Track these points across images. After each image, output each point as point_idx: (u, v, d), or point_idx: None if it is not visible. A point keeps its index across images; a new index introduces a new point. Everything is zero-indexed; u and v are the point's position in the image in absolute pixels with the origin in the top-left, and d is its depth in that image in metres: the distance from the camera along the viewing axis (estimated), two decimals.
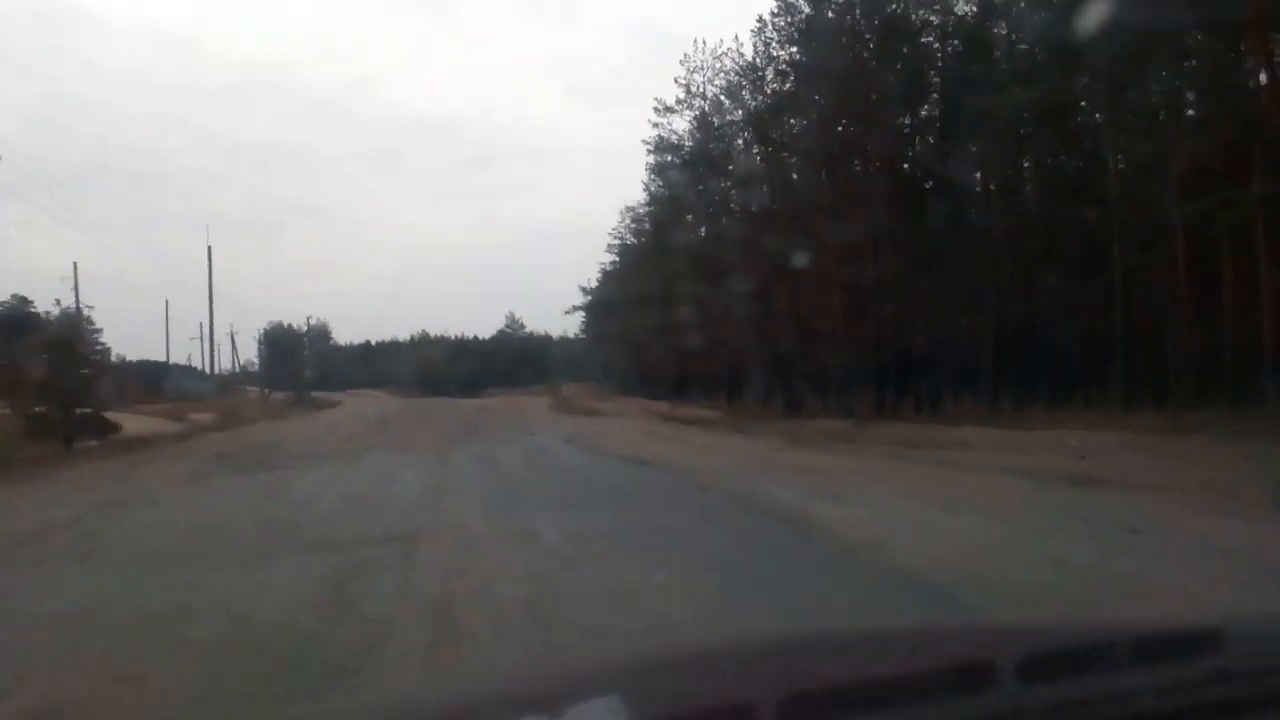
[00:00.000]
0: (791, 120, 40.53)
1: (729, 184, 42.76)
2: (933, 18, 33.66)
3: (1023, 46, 30.90)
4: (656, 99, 41.76)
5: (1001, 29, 31.62)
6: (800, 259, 37.74)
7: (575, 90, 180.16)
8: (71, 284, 78.81)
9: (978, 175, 35.10)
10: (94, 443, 26.10)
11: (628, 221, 66.08)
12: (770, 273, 40.06)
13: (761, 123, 40.36)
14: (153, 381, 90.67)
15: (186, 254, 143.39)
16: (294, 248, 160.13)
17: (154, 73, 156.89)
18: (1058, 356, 31.14)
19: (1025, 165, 34.72)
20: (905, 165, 35.87)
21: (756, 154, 42.26)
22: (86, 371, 27.42)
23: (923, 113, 35.97)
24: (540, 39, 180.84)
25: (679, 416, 43.11)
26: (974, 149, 33.93)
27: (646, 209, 58.76)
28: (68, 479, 16.18)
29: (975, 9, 32.10)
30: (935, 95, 35.25)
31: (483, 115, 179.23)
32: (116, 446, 25.56)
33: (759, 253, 40.77)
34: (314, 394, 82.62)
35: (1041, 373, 31.60)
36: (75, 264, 77.74)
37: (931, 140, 35.74)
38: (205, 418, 43.70)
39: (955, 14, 32.61)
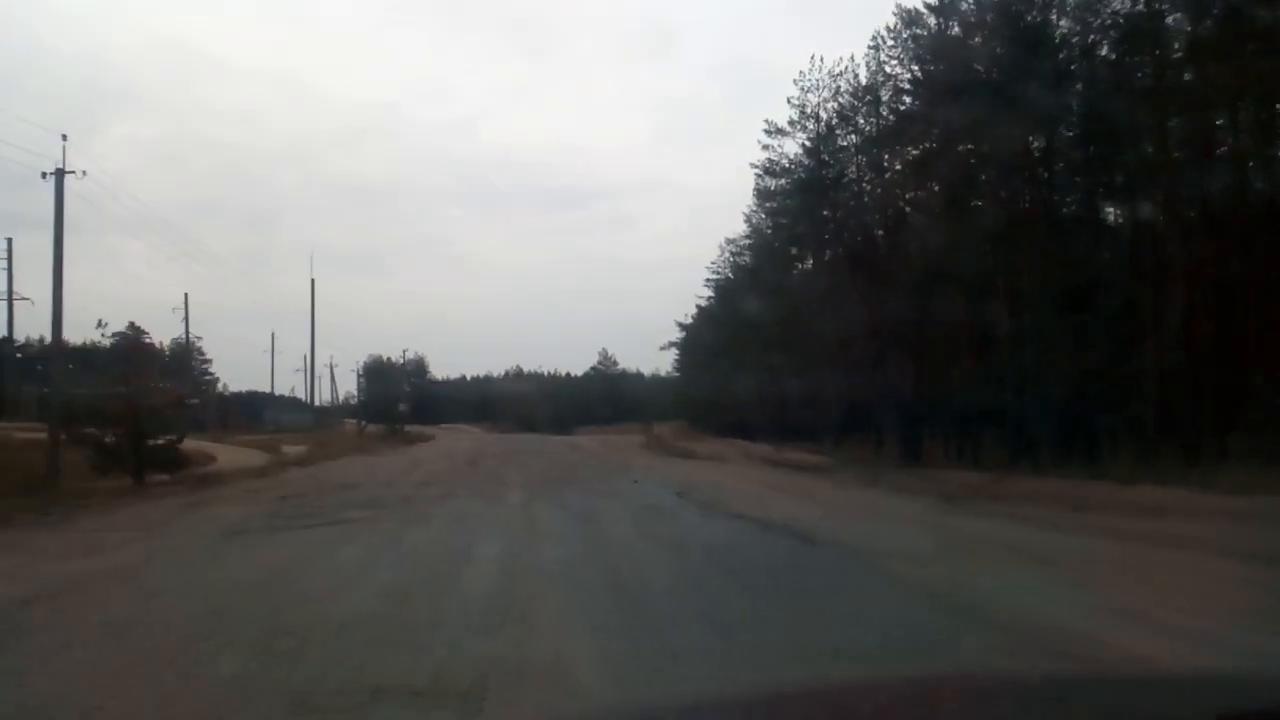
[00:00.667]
0: (910, 148, 36.91)
1: (841, 213, 39.15)
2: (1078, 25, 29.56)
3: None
4: (767, 121, 38.61)
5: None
6: (921, 293, 34.08)
7: (668, 129, 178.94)
8: (183, 315, 78.91)
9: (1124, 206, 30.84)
10: (166, 477, 23.88)
11: (727, 254, 62.89)
12: (886, 307, 36.35)
13: (881, 144, 36.90)
14: (254, 412, 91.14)
15: (295, 289, 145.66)
16: (395, 284, 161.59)
17: (269, 113, 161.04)
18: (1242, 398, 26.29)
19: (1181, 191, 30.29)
20: (1044, 193, 31.81)
21: (869, 182, 38.73)
22: (161, 402, 25.31)
23: (1063, 134, 31.90)
24: (634, 78, 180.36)
25: (786, 462, 39.44)
26: (1120, 177, 29.75)
27: (748, 240, 55.54)
28: (98, 525, 13.57)
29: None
30: (1078, 114, 31.18)
31: (577, 154, 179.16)
32: (186, 484, 23.22)
33: (876, 285, 37.09)
34: (409, 428, 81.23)
35: (1209, 418, 26.98)
36: (186, 295, 78.12)
37: (1074, 164, 31.61)
38: (294, 450, 41.76)
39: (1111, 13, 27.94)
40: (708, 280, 66.58)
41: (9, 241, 53.45)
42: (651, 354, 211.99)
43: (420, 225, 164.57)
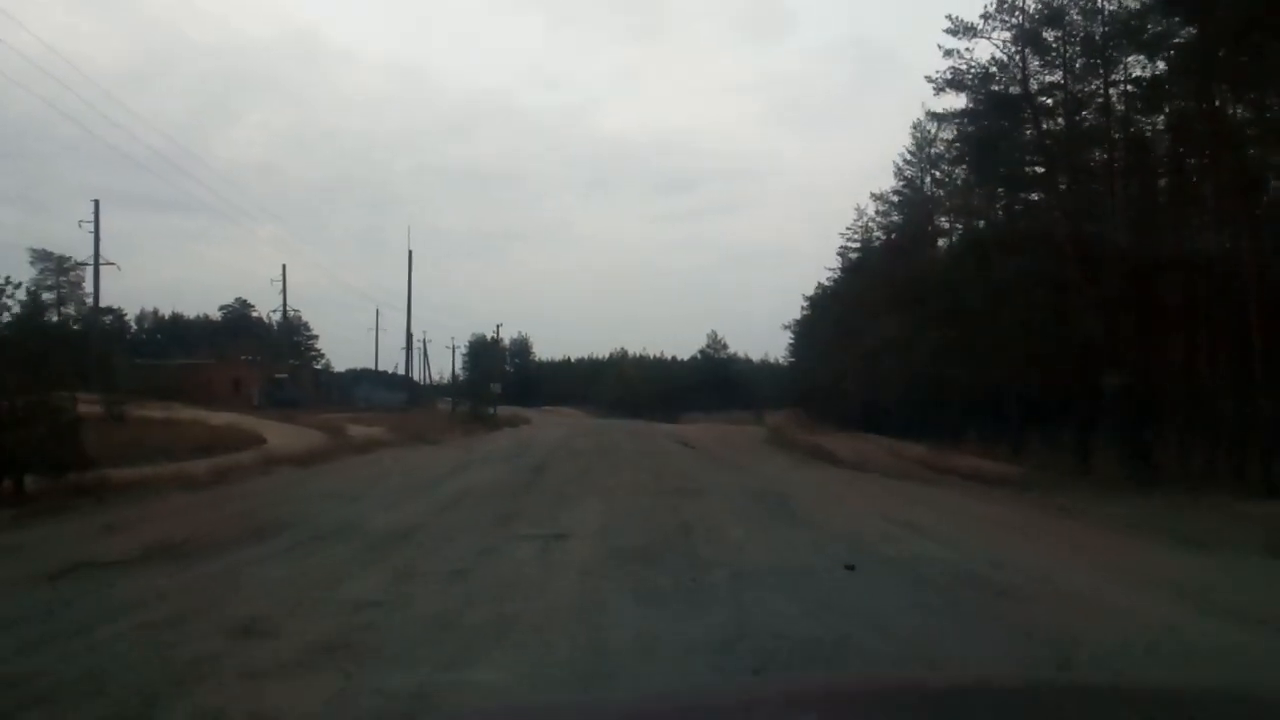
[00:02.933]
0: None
1: (1051, 140, 27.52)
2: None
3: None
4: (950, 18, 27.25)
5: None
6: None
7: (781, 112, 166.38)
8: (280, 286, 71.32)
9: None
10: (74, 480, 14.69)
11: (866, 219, 51.55)
12: (1112, 264, 24.93)
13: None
14: (347, 390, 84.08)
15: (419, 272, 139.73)
16: (506, 267, 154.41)
17: (389, 102, 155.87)
18: None
19: None
20: None
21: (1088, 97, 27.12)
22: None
23: None
24: (747, 62, 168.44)
25: (957, 469, 28.49)
26: None
27: (898, 195, 44.30)
28: None
29: None
30: None
31: (689, 138, 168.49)
32: (95, 495, 13.86)
33: (1100, 237, 25.63)
34: (503, 409, 72.35)
35: None
36: (284, 266, 70.71)
37: None
38: (360, 432, 33.15)
39: None
40: (843, 247, 55.13)
41: (96, 204, 46.36)
42: (760, 342, 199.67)
43: (532, 210, 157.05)
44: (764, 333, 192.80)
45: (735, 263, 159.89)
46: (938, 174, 40.83)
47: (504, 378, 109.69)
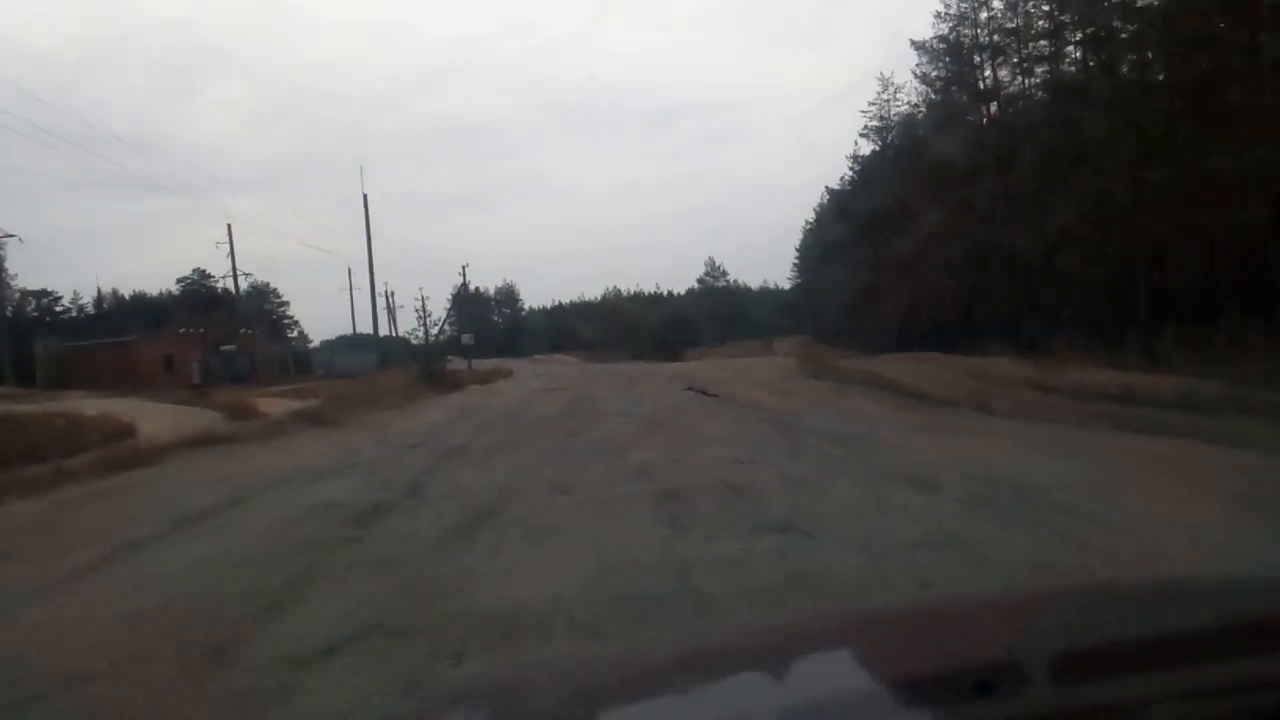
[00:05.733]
0: None
1: None
2: None
3: None
4: None
5: None
6: None
7: (763, 41, 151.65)
8: (228, 250, 59.39)
9: None
10: None
11: (893, 88, 39.45)
12: None
13: None
14: (323, 359, 72.73)
15: (391, 234, 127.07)
16: (490, 220, 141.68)
17: (358, 61, 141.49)
18: None
19: None
20: None
21: None
22: None
23: None
24: None
25: (1092, 389, 17.84)
26: None
27: (944, 40, 32.21)
28: None
29: None
30: None
31: (671, 74, 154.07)
32: None
33: None
34: (486, 362, 60.55)
35: None
36: (229, 226, 58.79)
37: None
38: (279, 409, 22.83)
39: None
40: (865, 128, 42.88)
41: None
42: (758, 270, 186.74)
43: (512, 159, 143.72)
44: (762, 261, 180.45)
45: (726, 195, 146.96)
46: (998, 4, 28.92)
47: (492, 329, 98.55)
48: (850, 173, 52.92)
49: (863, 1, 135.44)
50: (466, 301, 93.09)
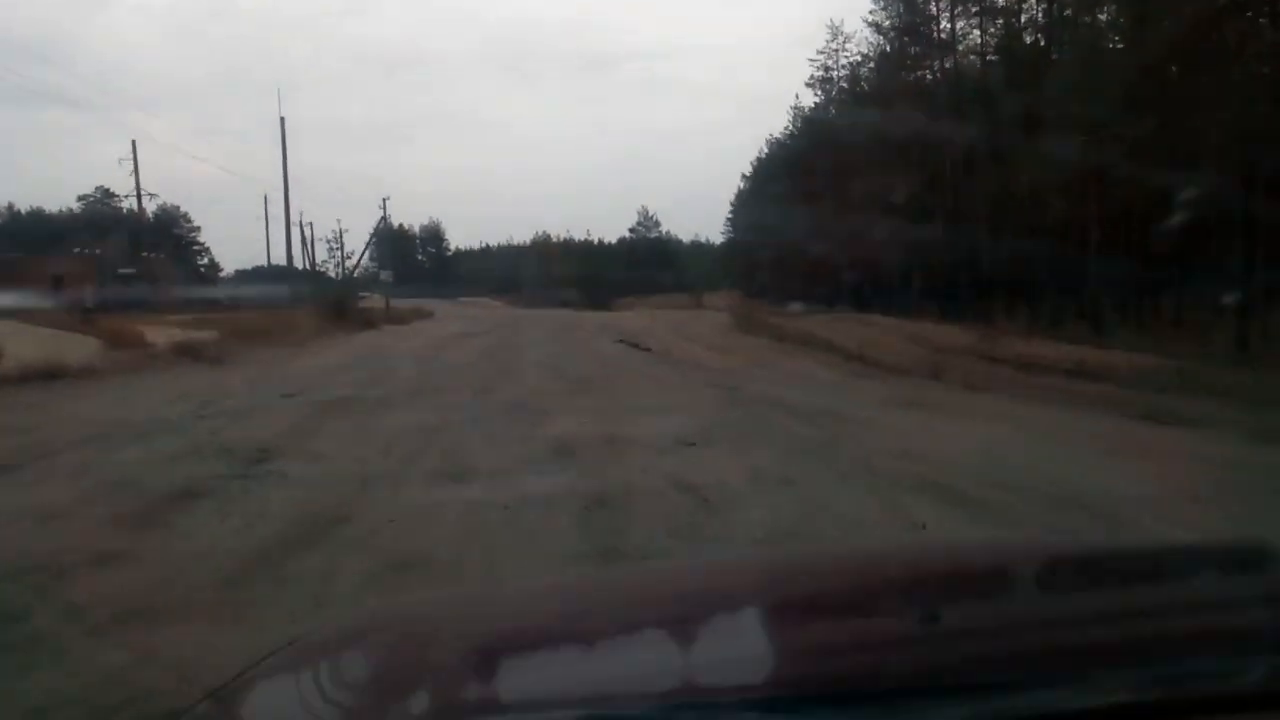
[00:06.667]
0: None
1: None
2: None
3: None
4: None
5: None
6: None
7: None
8: (131, 168, 54.43)
9: None
10: None
11: (834, 45, 37.29)
12: None
13: None
14: (233, 288, 67.95)
15: (313, 163, 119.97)
16: (419, 155, 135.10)
17: None
18: None
19: None
20: None
21: None
22: None
23: None
24: None
25: (1043, 362, 16.63)
26: None
27: (892, 13, 30.03)
28: None
29: None
30: None
31: (607, 14, 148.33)
32: None
33: None
34: (409, 302, 57.22)
35: None
36: (134, 142, 53.44)
37: None
38: (170, 339, 20.12)
39: None
40: (812, 78, 40.71)
41: None
42: (689, 223, 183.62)
43: (443, 94, 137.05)
44: (695, 214, 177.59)
45: (662, 145, 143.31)
46: None
47: (416, 268, 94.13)
48: (791, 126, 50.86)
49: None
50: (388, 237, 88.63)
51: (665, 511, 4.87)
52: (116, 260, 54.25)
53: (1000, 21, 26.67)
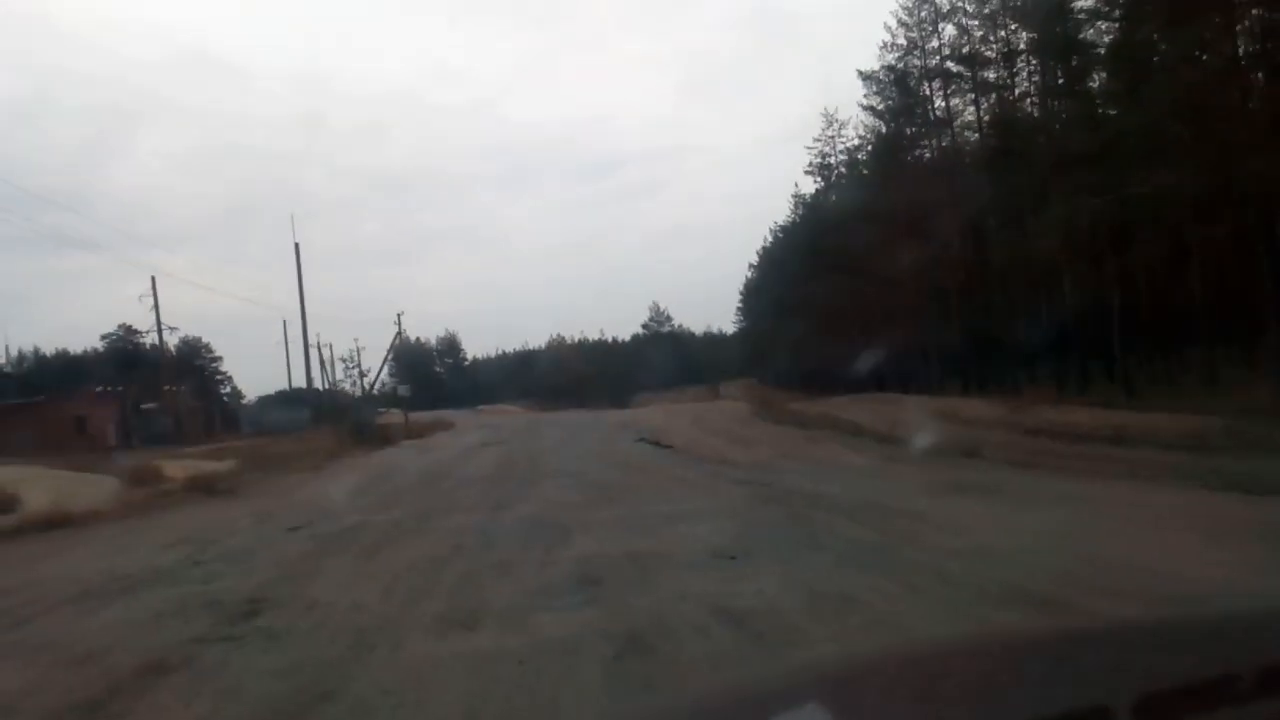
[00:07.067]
0: None
1: None
2: None
3: None
4: None
5: None
6: None
7: (693, 87, 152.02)
8: (151, 304, 55.27)
9: None
10: None
11: (838, 124, 37.63)
12: None
13: None
14: (255, 416, 67.89)
15: (334, 284, 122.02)
16: (432, 272, 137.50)
17: (295, 114, 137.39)
18: None
19: None
20: None
21: None
22: None
23: None
24: (653, 39, 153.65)
25: (1080, 430, 15.65)
26: None
27: (892, 69, 30.24)
28: None
29: None
30: None
31: (604, 122, 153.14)
32: None
33: None
34: (427, 414, 56.82)
35: None
36: (153, 279, 54.46)
37: None
38: (184, 473, 19.46)
39: None
40: (811, 164, 40.99)
41: None
42: (700, 316, 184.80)
43: (452, 211, 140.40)
44: (706, 306, 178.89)
45: (665, 241, 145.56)
46: (951, 31, 27.27)
47: (434, 380, 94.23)
48: (793, 213, 51.20)
49: (802, 50, 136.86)
50: (405, 352, 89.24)
51: (711, 651, 4.05)
52: (139, 396, 54.46)
53: (994, 96, 26.76)
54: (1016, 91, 26.60)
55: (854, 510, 7.60)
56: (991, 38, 26.14)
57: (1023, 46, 24.91)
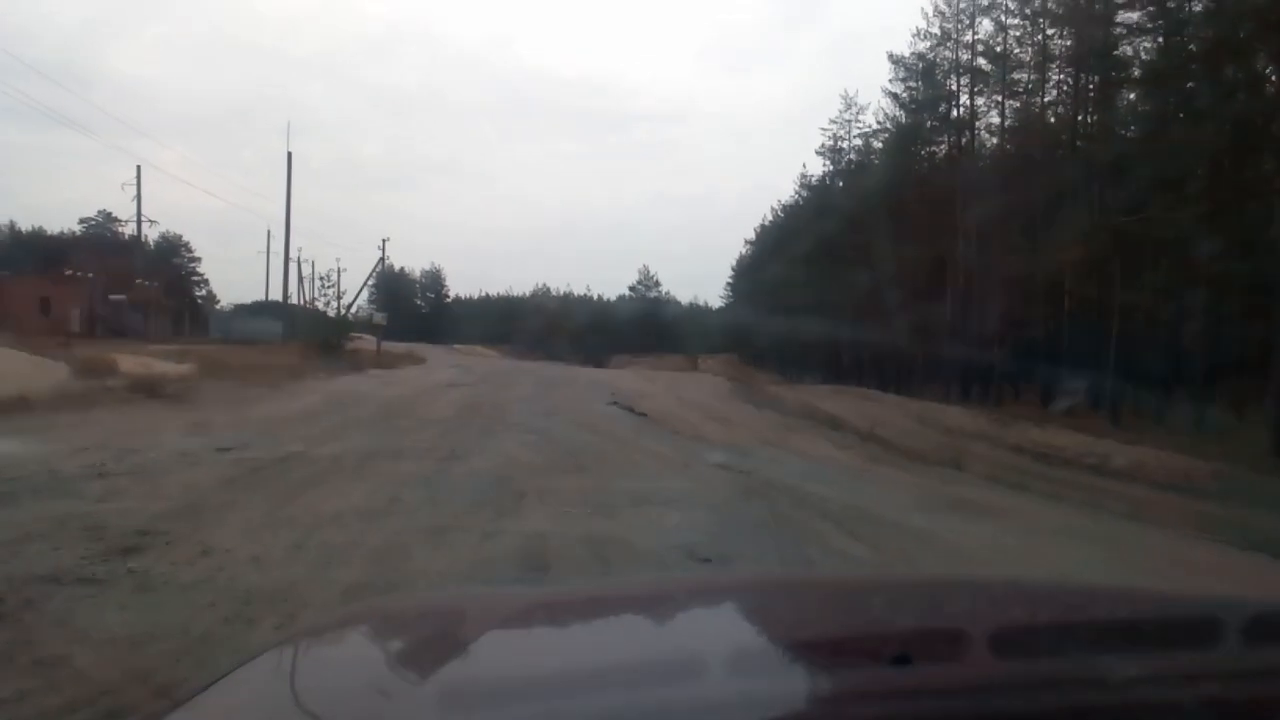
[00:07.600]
0: None
1: None
2: None
3: None
4: None
5: None
6: None
7: (713, 53, 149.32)
8: (134, 193, 53.47)
9: None
10: None
11: (856, 109, 36.40)
12: None
13: None
14: (226, 323, 66.16)
15: (324, 202, 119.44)
16: (425, 200, 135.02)
17: (310, 21, 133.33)
18: None
19: None
20: None
21: None
22: None
23: None
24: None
25: (1072, 457, 15.00)
26: None
27: (923, 57, 29.05)
28: None
29: None
30: None
31: (619, 77, 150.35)
32: None
33: None
34: (402, 345, 55.55)
35: None
36: (138, 167, 52.37)
37: None
38: (137, 369, 18.40)
39: None
40: (823, 146, 39.75)
41: None
42: (687, 286, 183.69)
43: (453, 142, 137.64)
44: (692, 277, 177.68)
45: (661, 206, 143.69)
46: (988, 25, 26.12)
47: (414, 312, 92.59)
48: (798, 194, 50.06)
49: (822, 28, 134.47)
50: (386, 279, 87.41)
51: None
52: (110, 285, 52.67)
53: (1020, 99, 25.75)
54: (1044, 100, 25.61)
55: (844, 519, 6.73)
56: (1028, 41, 25.08)
57: (1057, 54, 23.88)
